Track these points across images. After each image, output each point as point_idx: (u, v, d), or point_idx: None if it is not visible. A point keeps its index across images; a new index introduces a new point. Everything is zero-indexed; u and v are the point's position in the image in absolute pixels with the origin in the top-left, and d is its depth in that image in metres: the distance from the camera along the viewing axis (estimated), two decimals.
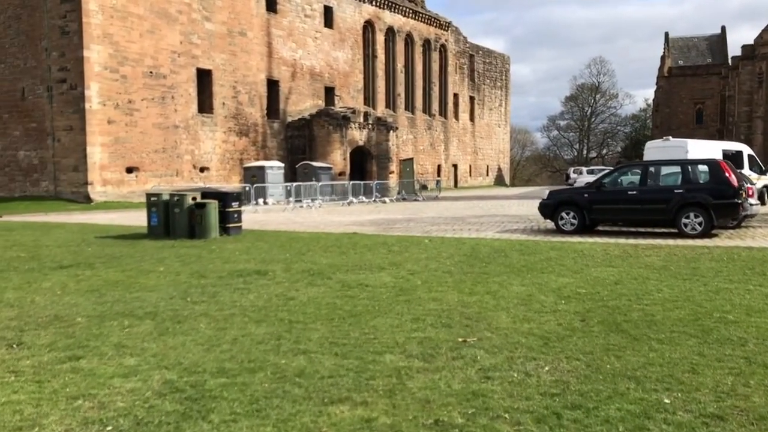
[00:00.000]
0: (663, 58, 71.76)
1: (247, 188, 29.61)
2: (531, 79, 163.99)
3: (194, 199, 15.89)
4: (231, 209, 16.13)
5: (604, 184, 16.41)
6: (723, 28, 73.40)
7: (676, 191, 15.29)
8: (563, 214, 16.46)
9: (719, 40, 72.73)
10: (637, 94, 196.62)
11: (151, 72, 33.87)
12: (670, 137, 27.37)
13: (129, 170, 33.11)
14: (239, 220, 16.42)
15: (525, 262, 11.35)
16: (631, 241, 14.51)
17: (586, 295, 8.46)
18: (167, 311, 7.88)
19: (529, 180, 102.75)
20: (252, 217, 24.54)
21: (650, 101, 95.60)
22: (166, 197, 16.20)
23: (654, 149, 26.34)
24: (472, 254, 12.35)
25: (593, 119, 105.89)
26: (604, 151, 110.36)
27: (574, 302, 8.08)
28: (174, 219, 15.90)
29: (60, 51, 31.38)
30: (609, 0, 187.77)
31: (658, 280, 9.49)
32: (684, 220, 15.08)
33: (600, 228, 17.15)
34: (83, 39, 30.61)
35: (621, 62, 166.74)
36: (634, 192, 15.82)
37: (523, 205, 30.11)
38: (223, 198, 16.12)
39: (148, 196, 16.63)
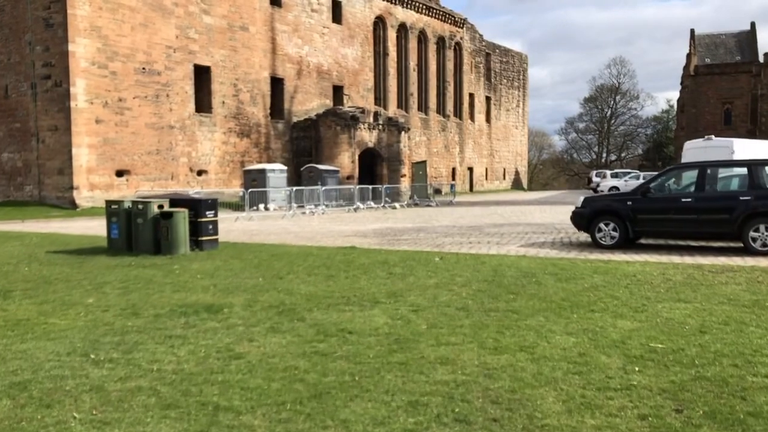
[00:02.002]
0: (689, 56, 68.31)
1: (241, 193, 27.11)
2: (548, 82, 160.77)
3: (161, 207, 13.37)
4: (205, 219, 13.56)
5: (651, 189, 13.65)
6: (752, 24, 69.85)
7: (741, 198, 12.53)
8: (601, 226, 13.75)
9: (748, 37, 69.21)
10: (657, 97, 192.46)
11: (143, 68, 31.52)
12: (713, 136, 24.50)
13: (119, 174, 30.73)
14: (215, 232, 13.85)
15: (564, 292, 8.67)
16: (689, 259, 11.78)
17: (666, 354, 5.78)
18: (46, 381, 5.31)
19: (546, 184, 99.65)
20: (244, 225, 22.03)
21: (672, 102, 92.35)
22: (128, 205, 13.70)
23: (694, 150, 23.51)
24: (494, 279, 9.69)
25: (613, 121, 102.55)
26: (623, 154, 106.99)
27: (652, 369, 5.41)
28: (137, 231, 13.39)
29: (44, 45, 29.11)
30: (626, 2, 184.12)
31: (758, 325, 6.78)
32: (752, 234, 12.33)
33: (643, 242, 14.45)
34: (68, 32, 28.29)
35: (639, 64, 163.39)
36: (689, 199, 13.06)
37: (546, 212, 27.37)
38: (196, 206, 13.57)
39: (108, 203, 14.14)
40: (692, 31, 70.09)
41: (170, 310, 7.88)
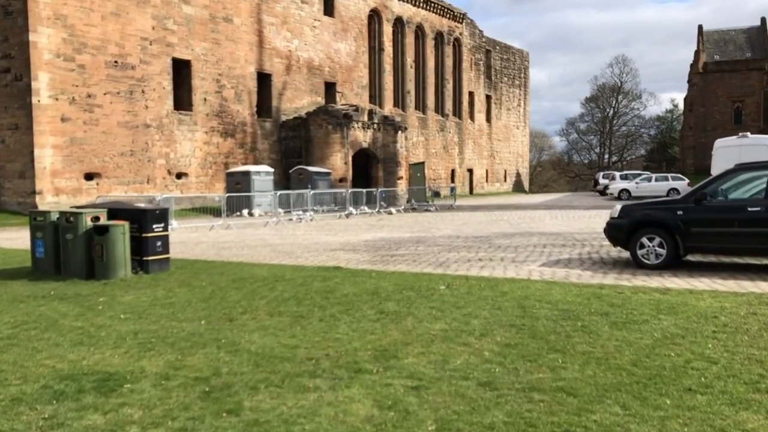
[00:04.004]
0: (697, 53, 65.67)
1: (216, 198, 24.42)
2: (546, 83, 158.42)
3: (95, 219, 10.68)
4: (151, 234, 10.87)
5: (706, 195, 11.00)
6: (763, 20, 67.23)
7: None
8: (644, 241, 11.10)
9: (759, 33, 66.66)
10: (660, 97, 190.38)
11: (116, 62, 28.80)
12: (748, 133, 21.99)
13: (88, 177, 27.99)
14: (165, 249, 11.14)
15: (630, 349, 6.00)
16: (766, 286, 9.13)
17: None
18: None
19: (546, 186, 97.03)
20: (218, 235, 19.36)
21: (677, 102, 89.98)
22: (55, 217, 11.00)
23: (727, 149, 21.00)
24: (524, 324, 7.02)
25: (615, 121, 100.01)
26: (625, 155, 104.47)
27: None
28: (66, 249, 10.70)
29: (3, 35, 26.36)
30: (625, 3, 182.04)
31: None
32: None
33: (690, 259, 11.81)
34: (29, 20, 25.57)
35: (638, 66, 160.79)
36: (758, 208, 10.40)
37: (558, 218, 24.72)
38: (140, 218, 10.88)
39: (32, 214, 11.45)
40: (700, 27, 67.52)
41: (43, 387, 5.18)
